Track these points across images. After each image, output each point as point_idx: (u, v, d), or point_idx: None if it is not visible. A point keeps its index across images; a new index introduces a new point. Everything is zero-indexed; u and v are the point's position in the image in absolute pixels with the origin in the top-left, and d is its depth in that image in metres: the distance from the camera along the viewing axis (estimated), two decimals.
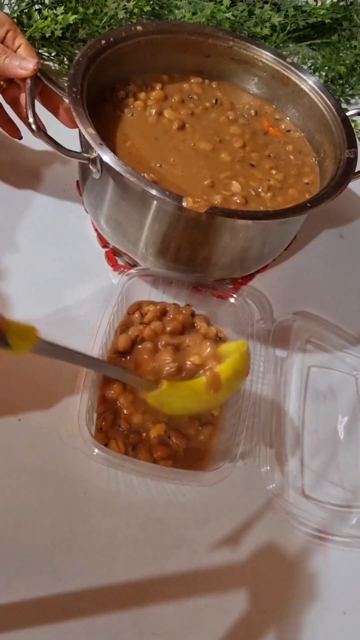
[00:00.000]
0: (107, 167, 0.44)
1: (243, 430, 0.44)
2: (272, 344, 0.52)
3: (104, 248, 0.56)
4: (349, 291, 0.61)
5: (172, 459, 0.43)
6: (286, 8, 0.78)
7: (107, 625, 0.39)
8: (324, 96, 0.55)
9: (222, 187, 0.50)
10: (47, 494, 0.42)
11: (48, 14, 0.65)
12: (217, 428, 0.45)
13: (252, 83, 0.61)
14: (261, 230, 0.47)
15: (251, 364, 0.44)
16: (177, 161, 0.51)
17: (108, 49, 0.52)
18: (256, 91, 0.61)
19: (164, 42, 0.56)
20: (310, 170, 0.56)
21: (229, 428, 0.45)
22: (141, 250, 0.50)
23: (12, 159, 0.60)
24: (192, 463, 0.43)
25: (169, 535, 0.42)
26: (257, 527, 0.44)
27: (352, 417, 0.51)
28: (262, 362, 0.50)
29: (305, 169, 0.56)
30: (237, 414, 0.44)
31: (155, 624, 0.39)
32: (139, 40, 0.55)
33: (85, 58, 0.49)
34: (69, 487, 0.43)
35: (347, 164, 0.49)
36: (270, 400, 0.49)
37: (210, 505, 0.44)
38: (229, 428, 0.45)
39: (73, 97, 0.45)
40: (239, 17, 0.76)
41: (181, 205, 0.42)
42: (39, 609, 0.38)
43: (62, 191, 0.59)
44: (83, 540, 0.41)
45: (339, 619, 0.42)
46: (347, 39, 0.84)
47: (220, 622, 0.40)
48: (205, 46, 0.58)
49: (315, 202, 0.46)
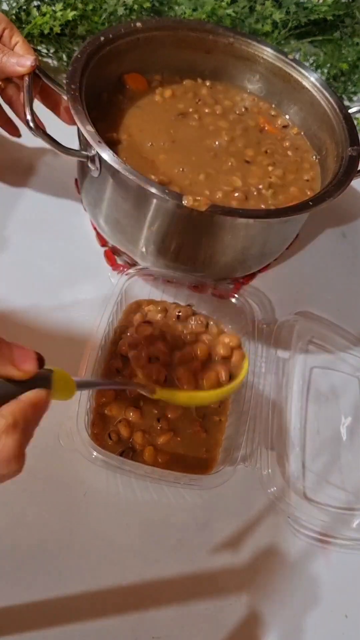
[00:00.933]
0: (106, 165, 0.43)
1: (244, 432, 0.43)
2: (273, 345, 0.51)
3: (102, 247, 0.55)
4: (351, 291, 0.60)
5: (175, 464, 0.42)
6: (288, 5, 0.77)
7: (107, 629, 0.38)
8: (326, 93, 0.55)
9: (222, 183, 0.50)
10: (46, 497, 0.42)
11: (47, 10, 0.64)
12: (220, 433, 0.45)
13: (252, 80, 0.60)
14: (262, 229, 0.47)
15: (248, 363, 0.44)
16: (178, 157, 0.51)
17: (107, 45, 0.52)
18: (255, 88, 0.60)
19: (164, 39, 0.56)
20: (310, 167, 0.55)
21: (231, 432, 0.45)
22: (141, 249, 0.49)
23: (10, 157, 0.59)
24: (195, 468, 0.43)
25: (169, 538, 0.42)
26: (258, 530, 0.44)
27: (355, 419, 0.51)
28: (264, 362, 0.50)
29: (305, 165, 0.55)
30: (239, 417, 0.44)
31: (155, 627, 0.39)
32: (138, 37, 0.54)
33: (84, 55, 0.49)
34: (68, 490, 0.42)
35: (349, 162, 0.49)
36: (272, 401, 0.48)
37: (211, 508, 0.44)
38: (232, 432, 0.44)
39: (72, 94, 0.45)
40: (240, 14, 0.75)
41: (181, 204, 0.41)
42: (38, 613, 0.38)
43: (61, 190, 0.58)
44: (82, 543, 0.41)
45: (341, 622, 0.42)
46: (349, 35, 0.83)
47: (221, 625, 0.40)
48: (207, 43, 0.57)
49: (317, 200, 0.45)
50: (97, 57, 0.50)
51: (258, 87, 0.60)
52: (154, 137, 0.52)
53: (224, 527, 0.43)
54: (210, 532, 0.43)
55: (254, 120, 0.58)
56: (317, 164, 0.56)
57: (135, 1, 0.69)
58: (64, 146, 0.44)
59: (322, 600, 0.42)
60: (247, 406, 0.45)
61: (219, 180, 0.50)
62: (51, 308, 0.50)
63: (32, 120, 0.42)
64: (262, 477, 0.45)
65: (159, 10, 0.75)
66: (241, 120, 0.57)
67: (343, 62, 0.78)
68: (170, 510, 0.43)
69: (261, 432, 0.46)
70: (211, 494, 0.43)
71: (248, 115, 0.58)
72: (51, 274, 0.53)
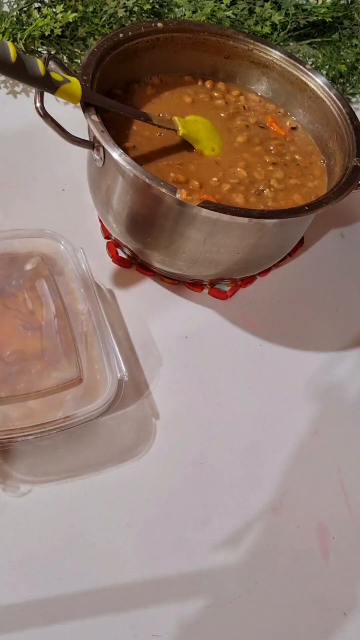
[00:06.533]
0: (107, 155, 0.44)
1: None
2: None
3: (106, 239, 0.56)
4: (349, 291, 0.60)
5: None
6: (287, 6, 0.78)
7: (107, 627, 0.39)
8: (339, 103, 0.55)
9: (229, 177, 0.50)
10: (46, 495, 0.42)
11: (47, 12, 0.65)
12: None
13: (266, 86, 0.60)
14: (257, 230, 0.47)
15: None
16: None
17: (125, 42, 0.52)
18: (269, 95, 0.60)
19: (184, 41, 0.56)
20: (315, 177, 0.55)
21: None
22: (140, 242, 0.50)
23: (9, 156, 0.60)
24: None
25: (168, 536, 0.42)
26: (257, 528, 0.44)
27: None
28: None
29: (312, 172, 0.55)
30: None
31: (155, 625, 0.39)
32: (158, 37, 0.54)
33: (100, 49, 0.49)
34: (68, 487, 0.43)
35: (352, 172, 0.49)
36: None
37: (210, 506, 0.44)
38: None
39: (82, 85, 0.45)
40: (240, 16, 0.76)
41: (175, 197, 0.42)
42: (38, 610, 0.38)
43: (61, 191, 0.59)
44: (83, 541, 0.41)
45: (339, 619, 0.42)
46: (347, 37, 0.84)
47: (220, 623, 0.40)
48: (226, 47, 0.58)
49: (313, 206, 0.45)
50: (114, 53, 0.51)
51: (272, 94, 0.60)
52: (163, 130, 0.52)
53: (223, 524, 0.44)
54: (209, 529, 0.43)
55: (268, 128, 0.58)
56: (325, 173, 0.56)
57: (135, 3, 0.69)
58: (69, 134, 0.44)
59: (320, 597, 0.43)
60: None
61: (227, 172, 0.51)
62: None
63: (41, 107, 0.43)
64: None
65: (159, 12, 0.75)
66: (255, 123, 0.57)
67: (342, 64, 0.78)
68: (170, 508, 0.43)
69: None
70: (211, 492, 0.44)
71: (262, 120, 0.58)
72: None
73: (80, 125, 0.47)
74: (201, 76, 0.59)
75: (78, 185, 0.56)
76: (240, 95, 0.60)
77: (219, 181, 0.50)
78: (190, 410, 0.48)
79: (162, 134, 0.52)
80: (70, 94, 0.43)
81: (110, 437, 0.45)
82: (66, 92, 0.43)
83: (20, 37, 0.64)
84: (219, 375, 0.51)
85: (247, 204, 0.49)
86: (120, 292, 0.53)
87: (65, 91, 0.43)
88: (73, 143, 0.45)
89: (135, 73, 0.56)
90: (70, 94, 0.43)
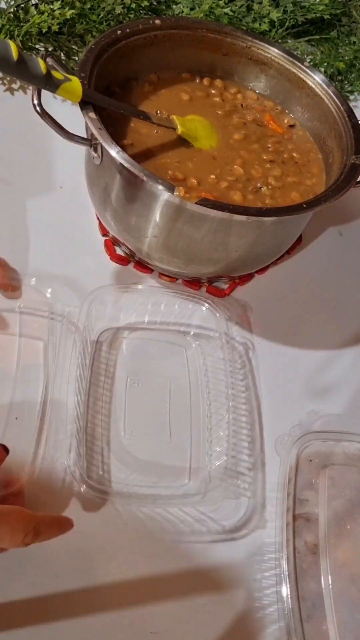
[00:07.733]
0: (105, 152, 0.44)
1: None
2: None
3: (103, 237, 0.56)
4: (347, 289, 0.60)
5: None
6: (285, 4, 0.78)
7: (105, 624, 0.39)
8: (337, 101, 0.55)
9: (226, 174, 0.50)
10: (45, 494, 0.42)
11: (45, 8, 0.64)
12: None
13: (264, 84, 0.60)
14: (255, 228, 0.47)
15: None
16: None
17: (123, 39, 0.52)
18: (267, 92, 0.60)
19: (181, 38, 0.56)
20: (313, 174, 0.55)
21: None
22: (138, 240, 0.50)
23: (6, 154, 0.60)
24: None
25: (167, 533, 0.42)
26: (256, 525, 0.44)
27: None
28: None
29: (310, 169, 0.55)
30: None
31: (153, 622, 0.39)
32: (155, 34, 0.54)
33: (98, 46, 0.49)
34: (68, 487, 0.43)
35: (350, 170, 0.49)
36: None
37: (209, 504, 0.44)
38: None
39: (80, 82, 0.45)
40: (238, 13, 0.75)
41: (173, 195, 0.42)
42: (37, 608, 0.38)
43: (59, 189, 0.59)
44: (81, 539, 0.41)
45: None
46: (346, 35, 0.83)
47: (219, 620, 0.40)
48: (224, 45, 0.57)
49: (311, 204, 0.45)
50: (112, 50, 0.51)
51: (270, 91, 0.60)
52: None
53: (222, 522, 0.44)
54: (207, 527, 0.43)
55: (266, 126, 0.58)
56: (323, 171, 0.56)
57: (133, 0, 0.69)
58: (67, 131, 0.44)
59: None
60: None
61: (224, 169, 0.51)
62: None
63: (39, 104, 0.43)
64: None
65: (156, 9, 0.75)
66: (252, 120, 0.57)
67: (340, 61, 0.78)
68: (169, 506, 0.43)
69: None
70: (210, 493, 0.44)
71: (259, 118, 0.58)
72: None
73: (77, 122, 0.46)
74: (199, 73, 0.59)
75: (75, 182, 0.56)
76: (238, 92, 0.59)
77: (216, 178, 0.50)
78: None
79: (159, 132, 0.51)
80: (71, 92, 0.43)
81: None
82: (67, 91, 0.43)
83: (18, 33, 0.64)
84: (217, 374, 0.51)
85: (245, 202, 0.49)
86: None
87: (66, 89, 0.43)
88: (70, 140, 0.44)
89: (133, 70, 0.55)
90: (71, 92, 0.43)
